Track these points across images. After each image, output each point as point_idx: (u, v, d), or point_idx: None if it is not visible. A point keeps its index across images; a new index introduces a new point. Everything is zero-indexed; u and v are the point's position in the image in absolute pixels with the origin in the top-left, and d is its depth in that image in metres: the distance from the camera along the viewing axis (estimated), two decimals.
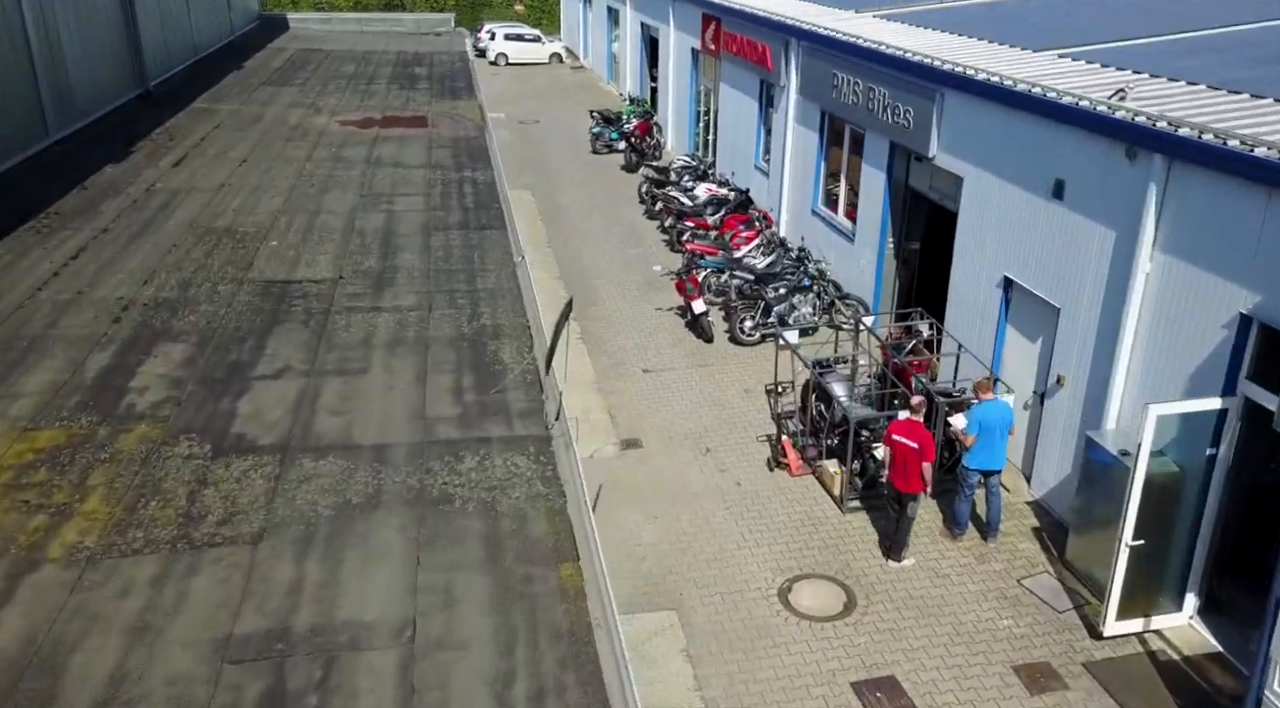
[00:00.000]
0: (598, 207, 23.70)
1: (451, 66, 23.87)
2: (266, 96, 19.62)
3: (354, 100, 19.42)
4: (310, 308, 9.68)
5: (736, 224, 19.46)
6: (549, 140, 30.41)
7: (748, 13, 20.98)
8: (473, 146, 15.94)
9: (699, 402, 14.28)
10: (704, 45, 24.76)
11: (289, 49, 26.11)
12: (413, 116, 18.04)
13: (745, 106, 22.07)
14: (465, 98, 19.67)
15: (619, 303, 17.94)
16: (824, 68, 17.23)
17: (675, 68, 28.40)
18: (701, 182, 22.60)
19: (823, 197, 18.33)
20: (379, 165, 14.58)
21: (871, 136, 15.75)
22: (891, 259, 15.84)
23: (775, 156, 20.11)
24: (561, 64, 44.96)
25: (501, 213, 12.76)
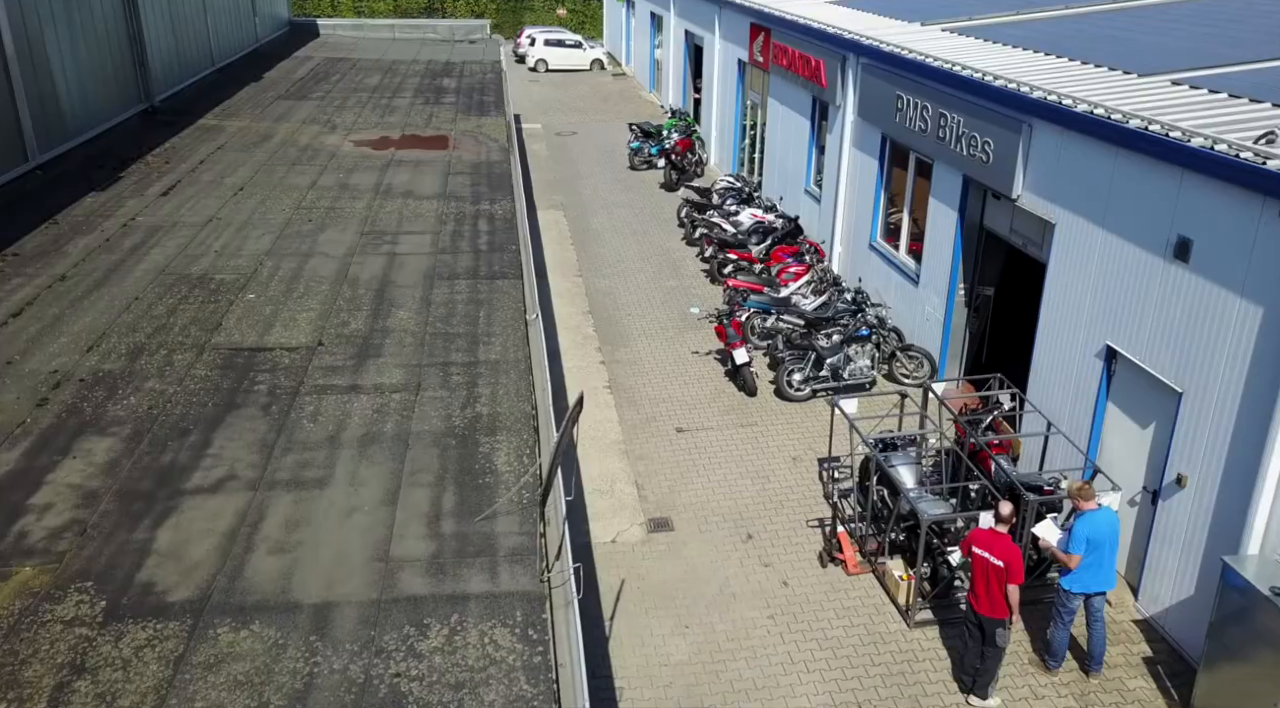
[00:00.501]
0: (633, 230, 21.93)
1: (482, 77, 22.21)
2: (281, 112, 18.07)
3: (373, 117, 17.80)
4: (276, 386, 7.99)
5: (784, 256, 17.57)
6: (585, 154, 28.70)
7: (800, 24, 19.07)
8: (494, 173, 14.23)
9: (740, 471, 12.43)
10: (751, 57, 22.88)
11: (315, 58, 24.61)
12: (433, 136, 16.38)
13: (795, 125, 20.16)
14: (493, 113, 17.99)
15: (652, 344, 16.14)
16: (886, 88, 15.29)
17: (720, 80, 26.53)
18: (746, 206, 20.73)
19: (882, 230, 16.37)
20: (388, 195, 12.90)
21: (942, 168, 13.78)
22: (962, 307, 13.86)
23: (829, 182, 18.18)
24: (603, 71, 43.27)
25: (519, 256, 10.99)
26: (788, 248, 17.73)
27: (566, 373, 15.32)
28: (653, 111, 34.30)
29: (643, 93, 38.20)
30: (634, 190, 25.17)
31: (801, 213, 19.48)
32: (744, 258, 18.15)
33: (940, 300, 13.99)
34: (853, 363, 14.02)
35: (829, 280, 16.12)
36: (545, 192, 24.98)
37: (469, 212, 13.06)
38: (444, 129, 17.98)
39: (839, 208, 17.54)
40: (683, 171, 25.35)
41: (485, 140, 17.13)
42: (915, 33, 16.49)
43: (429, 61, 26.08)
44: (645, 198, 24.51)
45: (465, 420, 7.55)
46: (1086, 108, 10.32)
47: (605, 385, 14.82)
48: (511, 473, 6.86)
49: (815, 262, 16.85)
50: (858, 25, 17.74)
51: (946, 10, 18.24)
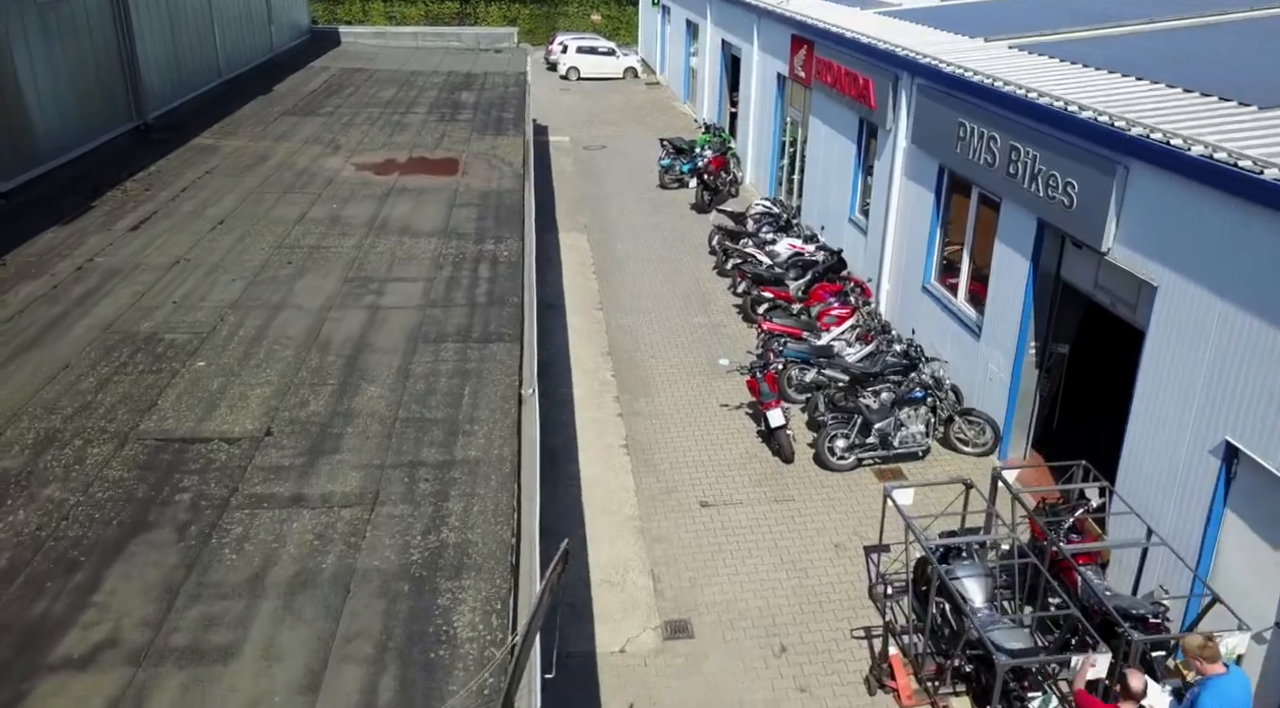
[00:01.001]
0: (661, 258, 20.23)
1: (504, 91, 20.69)
2: (284, 129, 16.66)
3: (381, 136, 16.35)
4: (202, 495, 6.42)
5: (826, 295, 15.78)
6: (613, 170, 27.07)
7: (847, 38, 17.26)
8: (505, 204, 12.74)
9: (773, 560, 10.68)
10: (792, 72, 21.10)
11: (331, 69, 23.21)
12: (442, 159, 14.89)
13: (839, 148, 18.35)
14: (510, 133, 16.49)
15: (677, 393, 14.43)
16: (945, 113, 13.47)
17: (758, 94, 24.77)
18: (783, 234, 18.96)
19: (937, 270, 14.53)
20: (383, 231, 11.39)
21: (1012, 208, 11.94)
22: (1032, 368, 12.01)
23: (876, 213, 16.37)
24: (636, 79, 41.66)
25: (520, 312, 9.38)
26: (830, 286, 15.94)
27: (580, 426, 13.66)
28: (686, 124, 32.60)
29: (676, 103, 36.51)
30: (663, 211, 23.49)
31: (845, 245, 17.67)
32: (780, 296, 16.37)
33: (1006, 359, 12.15)
34: (904, 429, 12.21)
35: (877, 326, 14.31)
36: (569, 212, 23.38)
37: (470, 253, 11.45)
38: (455, 151, 16.41)
39: (888, 243, 15.72)
40: (716, 192, 23.62)
41: (499, 164, 15.53)
42: (978, 50, 14.64)
43: (449, 73, 24.58)
44: (675, 220, 22.81)
45: (426, 553, 5.94)
46: (1203, 150, 8.47)
47: (622, 444, 13.14)
48: (475, 642, 5.22)
49: (860, 303, 15.04)
50: (912, 41, 15.92)
51: (1011, 24, 16.36)
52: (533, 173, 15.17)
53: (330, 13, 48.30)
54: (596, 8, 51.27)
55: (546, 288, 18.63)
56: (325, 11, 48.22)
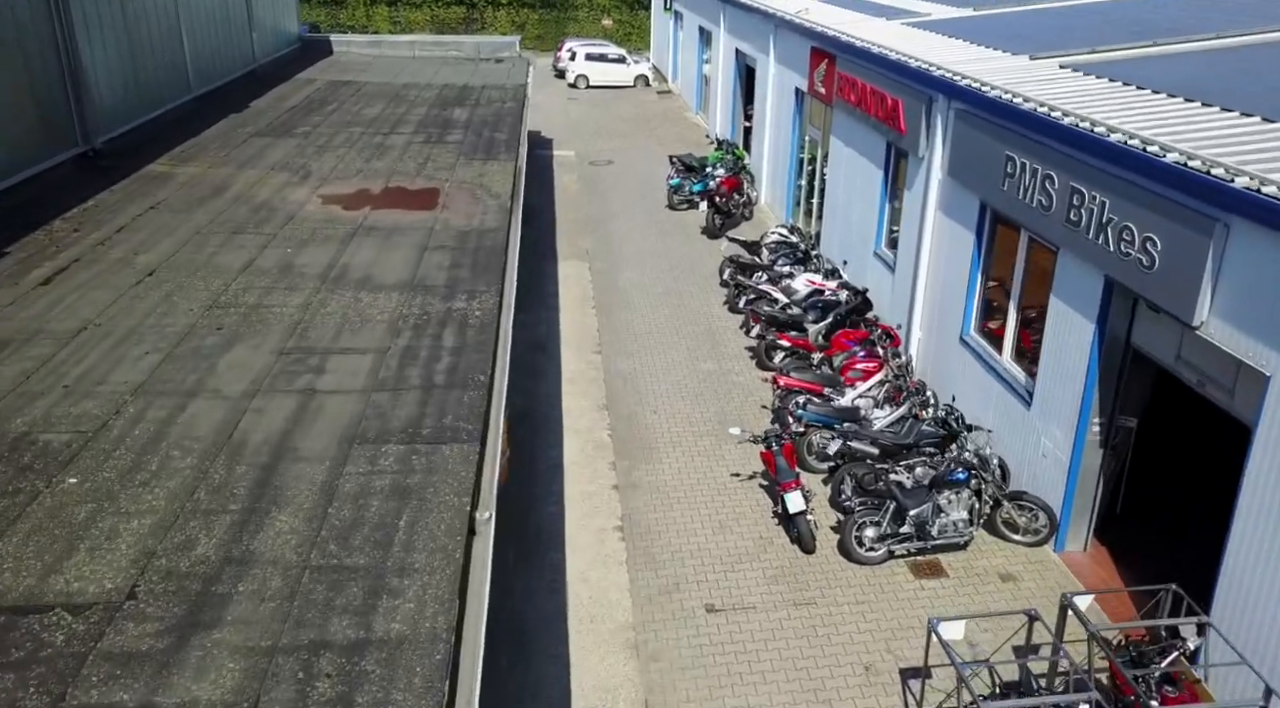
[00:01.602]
0: (667, 289, 18.44)
1: (500, 107, 18.98)
2: (251, 153, 14.99)
3: (358, 160, 14.67)
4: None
5: (850, 343, 13.94)
6: (620, 188, 25.29)
7: (873, 53, 15.41)
8: (485, 247, 11.04)
9: (791, 688, 8.88)
10: (811, 87, 19.26)
11: (318, 81, 21.54)
12: (422, 189, 13.19)
13: (864, 173, 16.51)
14: (502, 157, 14.81)
15: (682, 458, 12.64)
16: (989, 144, 11.63)
17: (774, 109, 22.93)
18: (801, 267, 17.14)
19: (977, 321, 12.68)
20: (339, 284, 9.66)
21: (1072, 261, 10.09)
22: (1095, 447, 10.16)
23: (906, 248, 14.52)
24: (647, 88, 39.88)
25: (487, 396, 7.67)
26: (854, 333, 14.10)
27: (569, 501, 11.90)
28: (698, 137, 30.79)
29: (689, 114, 34.69)
30: (672, 235, 21.69)
31: (870, 283, 15.83)
32: (798, 345, 14.53)
33: (1064, 434, 10.29)
34: (944, 516, 10.37)
35: (909, 384, 12.46)
36: (570, 235, 21.62)
37: (437, 312, 9.70)
38: (438, 179, 14.68)
39: (919, 284, 13.86)
40: (728, 216, 21.80)
41: (484, 197, 13.79)
42: (1025, 70, 12.76)
43: (444, 86, 22.85)
44: (684, 245, 21.00)
45: None
46: None
47: (617, 525, 11.36)
48: None
49: (890, 355, 13.20)
50: (948, 57, 14.05)
51: (1059, 39, 14.47)
52: (520, 210, 13.41)
53: (333, 17, 46.75)
54: (608, 12, 49.53)
55: (541, 326, 16.87)
56: (328, 16, 46.67)
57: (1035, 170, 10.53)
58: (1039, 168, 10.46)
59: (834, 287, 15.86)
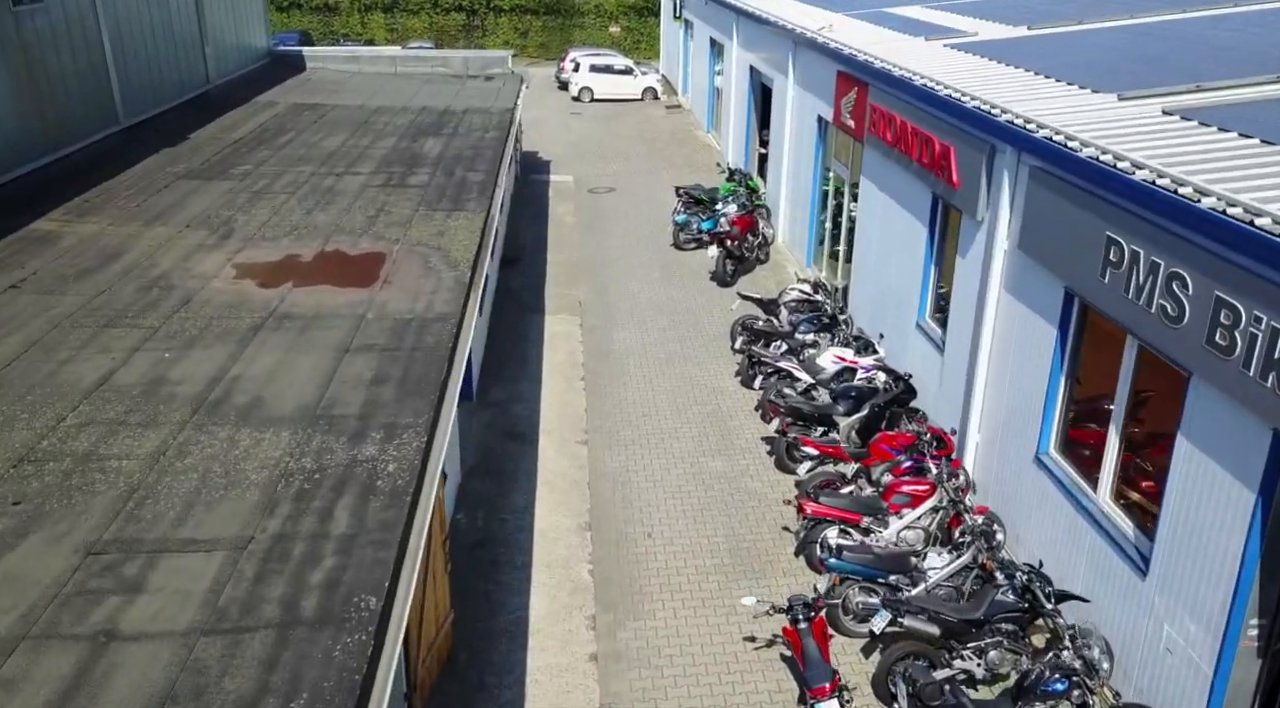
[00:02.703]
0: (669, 355, 15.65)
1: (480, 137, 16.32)
2: (169, 202, 12.38)
3: (298, 211, 12.00)
4: None
5: (892, 450, 11.14)
6: (621, 221, 22.53)
7: (915, 85, 12.60)
8: (424, 348, 8.17)
9: None
10: (838, 117, 16.45)
11: (279, 105, 18.87)
12: (364, 255, 10.48)
13: (902, 226, 13.72)
14: (470, 207, 12.15)
15: (681, 613, 9.86)
16: (1079, 217, 8.83)
17: (794, 137, 20.12)
18: (828, 335, 14.36)
19: (1059, 439, 9.87)
20: (213, 415, 6.79)
21: (1214, 397, 7.28)
22: (1252, 656, 7.33)
23: (960, 328, 11.74)
24: (656, 101, 37.12)
25: (375, 645, 4.68)
26: (896, 437, 11.29)
27: (530, 682, 9.13)
28: (708, 160, 28.01)
29: (699, 133, 31.89)
30: (677, 282, 18.92)
31: (913, 362, 13.04)
32: (828, 452, 11.70)
33: (1204, 633, 7.47)
34: None
35: (970, 521, 9.65)
36: (562, 281, 18.88)
37: (335, 466, 6.97)
38: (387, 239, 11.99)
39: (978, 377, 11.06)
40: (741, 260, 19.02)
41: (439, 267, 11.08)
42: (1118, 116, 9.92)
43: (421, 110, 20.16)
44: (690, 296, 18.23)
45: None
46: None
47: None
48: None
49: (945, 472, 10.38)
50: (1011, 94, 11.23)
51: (1152, 72, 11.63)
52: (481, 288, 10.67)
53: (327, 25, 44.16)
54: (615, 19, 46.78)
55: (519, 405, 14.13)
56: (321, 24, 44.08)
57: (1155, 265, 7.73)
58: (1161, 262, 7.66)
59: (868, 365, 13.08)
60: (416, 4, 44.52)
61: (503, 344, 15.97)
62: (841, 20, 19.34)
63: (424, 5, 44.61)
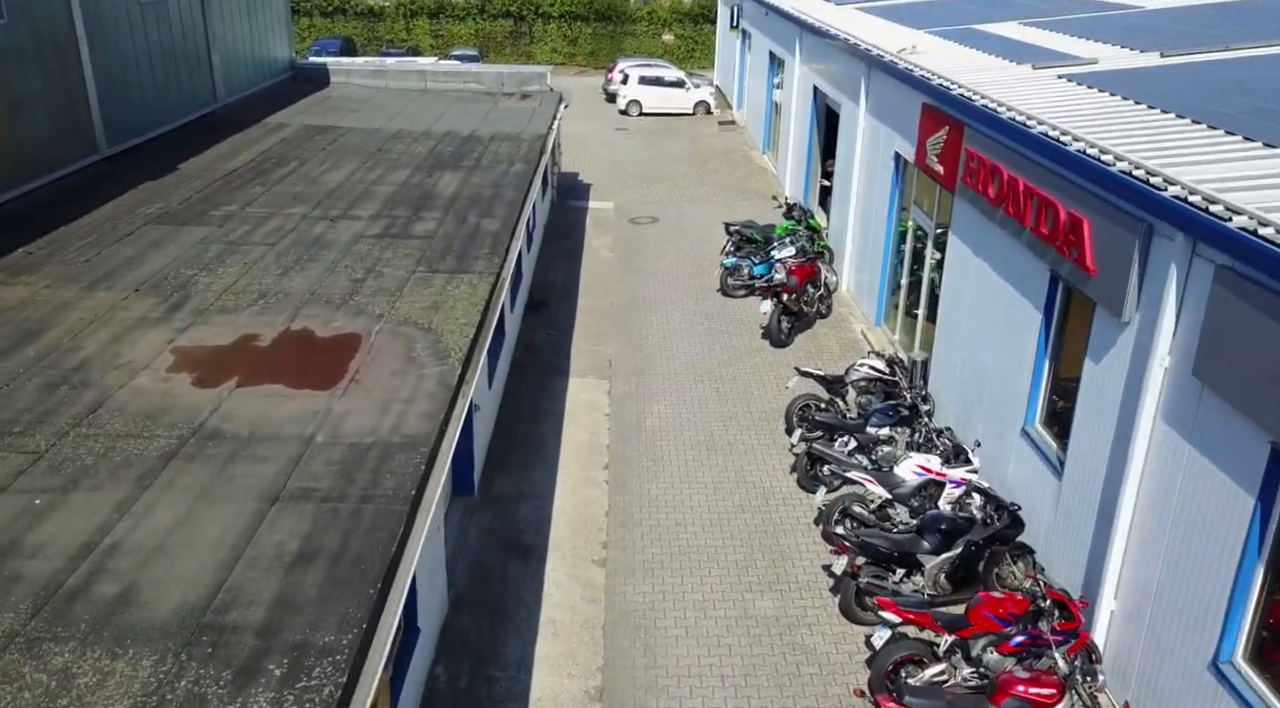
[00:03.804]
0: (712, 438, 13.00)
1: (505, 171, 13.90)
2: (126, 256, 10.09)
3: (273, 271, 9.50)
4: None
5: (997, 618, 8.39)
6: (663, 259, 19.95)
7: (1031, 133, 9.83)
8: (379, 491, 5.50)
9: None
10: (921, 158, 13.71)
11: (289, 127, 16.69)
12: (336, 337, 7.81)
13: (1005, 305, 10.95)
14: (478, 269, 9.44)
15: None
16: None
17: (864, 174, 17.38)
18: (905, 429, 11.66)
19: (1250, 647, 7.09)
20: (56, 623, 3.96)
21: None
22: None
23: (1086, 451, 8.97)
24: (708, 116, 34.45)
25: None
26: (1005, 601, 8.53)
27: None
28: (764, 186, 25.30)
29: (754, 153, 29.17)
30: (724, 339, 16.29)
31: (1016, 479, 10.28)
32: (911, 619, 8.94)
33: None
34: None
35: None
36: (592, 335, 16.37)
37: None
38: (369, 312, 9.63)
39: (1119, 525, 8.30)
40: (798, 316, 16.33)
41: (423, 358, 8.69)
42: None
43: (444, 135, 17.82)
44: (740, 358, 15.58)
45: None
46: None
47: None
48: None
49: (1076, 673, 7.63)
50: (1173, 153, 8.42)
51: None
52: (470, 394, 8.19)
53: (371, 30, 42.19)
54: (669, 26, 44.17)
55: (527, 505, 11.63)
56: (365, 30, 42.12)
57: None
58: None
59: (958, 479, 10.36)
60: (463, 10, 42.36)
61: (517, 418, 13.52)
62: (925, 40, 16.55)
63: (470, 11, 42.44)
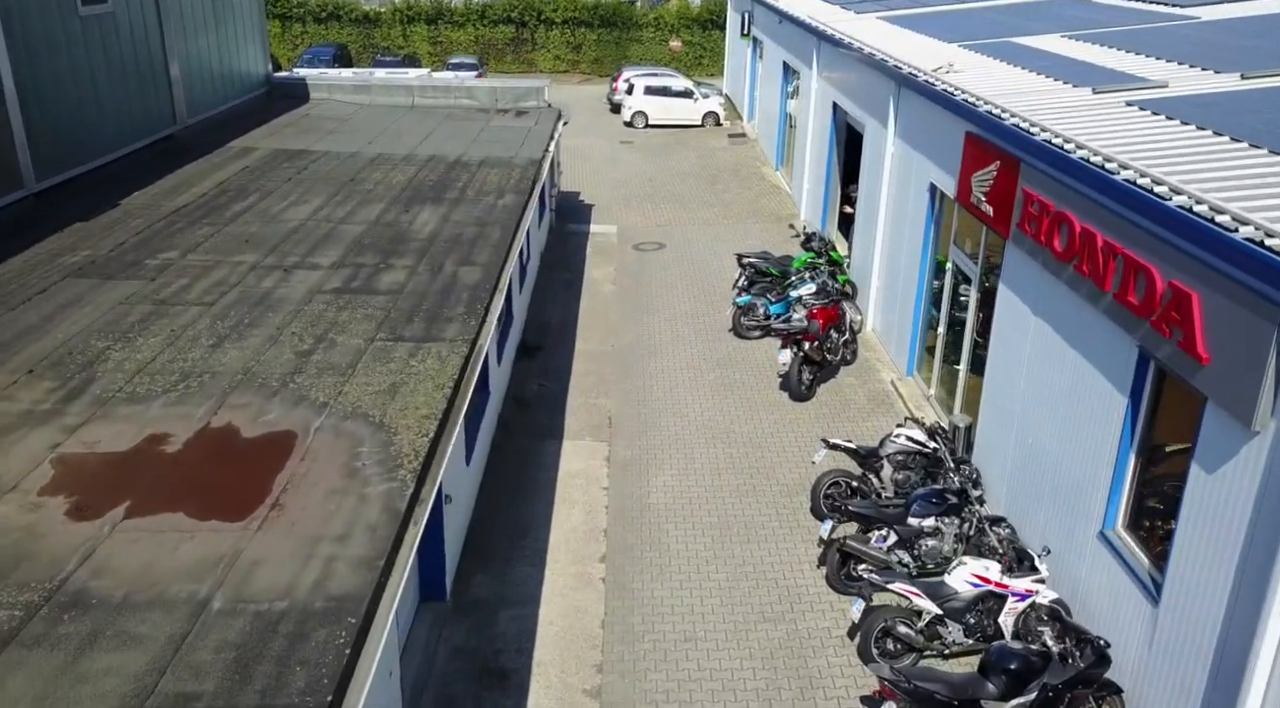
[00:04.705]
0: (726, 518, 11.17)
1: (492, 204, 12.02)
2: (28, 323, 8.28)
3: (203, 341, 7.58)
4: None
5: None
6: (670, 292, 18.16)
7: (1115, 181, 8.02)
8: (285, 686, 3.48)
9: None
10: (965, 194, 11.88)
11: (256, 152, 14.95)
12: (265, 436, 5.64)
13: (1074, 380, 9.12)
14: (450, 335, 7.29)
15: None
16: None
17: (893, 205, 15.57)
18: (953, 521, 9.84)
19: None
20: None
21: None
22: None
23: (1197, 579, 7.16)
24: (717, 127, 32.66)
25: None
26: None
27: None
28: (778, 208, 23.50)
29: (766, 170, 27.36)
30: (738, 390, 14.48)
31: (1090, 596, 8.45)
32: None
33: None
34: None
35: None
36: (590, 385, 14.59)
37: None
38: (312, 398, 7.88)
39: (1249, 692, 6.49)
40: (821, 366, 14.52)
41: (368, 470, 6.94)
42: None
43: (429, 160, 16.09)
44: (756, 414, 13.77)
45: None
46: None
47: None
48: None
49: None
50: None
51: None
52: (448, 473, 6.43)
53: (366, 37, 40.48)
54: (676, 32, 42.37)
55: (507, 611, 9.83)
56: (360, 36, 40.42)
57: None
58: None
59: (1022, 590, 8.55)
60: (461, 16, 40.62)
61: (501, 492, 11.75)
62: (961, 55, 14.72)
63: (470, 17, 40.69)
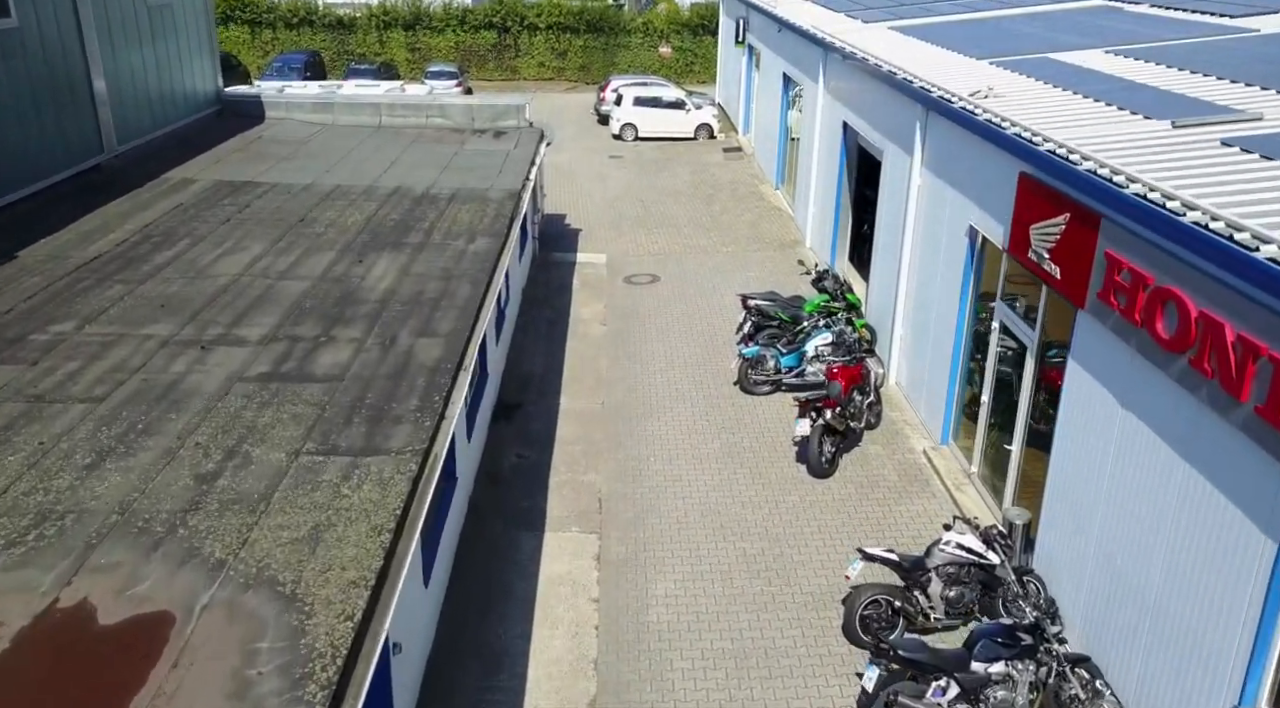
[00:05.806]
0: (742, 642, 9.18)
1: (463, 250, 9.81)
2: None
3: (78, 458, 5.25)
4: None
5: None
6: (666, 336, 16.19)
7: (1251, 258, 6.11)
8: None
9: None
10: (1018, 245, 9.95)
11: (195, 183, 12.86)
12: (126, 622, 3.74)
13: (1188, 501, 7.20)
14: (400, 437, 4.90)
15: None
16: None
17: (920, 247, 13.64)
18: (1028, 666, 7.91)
19: None
20: None
21: None
22: None
23: None
24: (712, 140, 30.75)
25: None
26: None
27: None
28: (780, 230, 21.59)
29: (766, 189, 25.43)
30: (748, 461, 12.53)
31: None
32: None
33: None
34: None
35: None
36: (576, 455, 12.60)
37: None
38: (202, 554, 5.89)
39: None
40: (844, 436, 12.58)
41: (265, 672, 4.92)
42: None
43: (393, 192, 14.10)
44: (771, 493, 11.80)
45: None
46: None
47: None
48: None
49: None
50: None
51: None
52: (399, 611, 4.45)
53: (341, 43, 38.36)
54: (666, 38, 40.42)
55: None
56: (335, 42, 38.31)
57: None
58: None
59: None
60: (441, 21, 38.55)
61: (470, 610, 9.75)
62: (998, 76, 12.81)
63: (450, 22, 38.63)
